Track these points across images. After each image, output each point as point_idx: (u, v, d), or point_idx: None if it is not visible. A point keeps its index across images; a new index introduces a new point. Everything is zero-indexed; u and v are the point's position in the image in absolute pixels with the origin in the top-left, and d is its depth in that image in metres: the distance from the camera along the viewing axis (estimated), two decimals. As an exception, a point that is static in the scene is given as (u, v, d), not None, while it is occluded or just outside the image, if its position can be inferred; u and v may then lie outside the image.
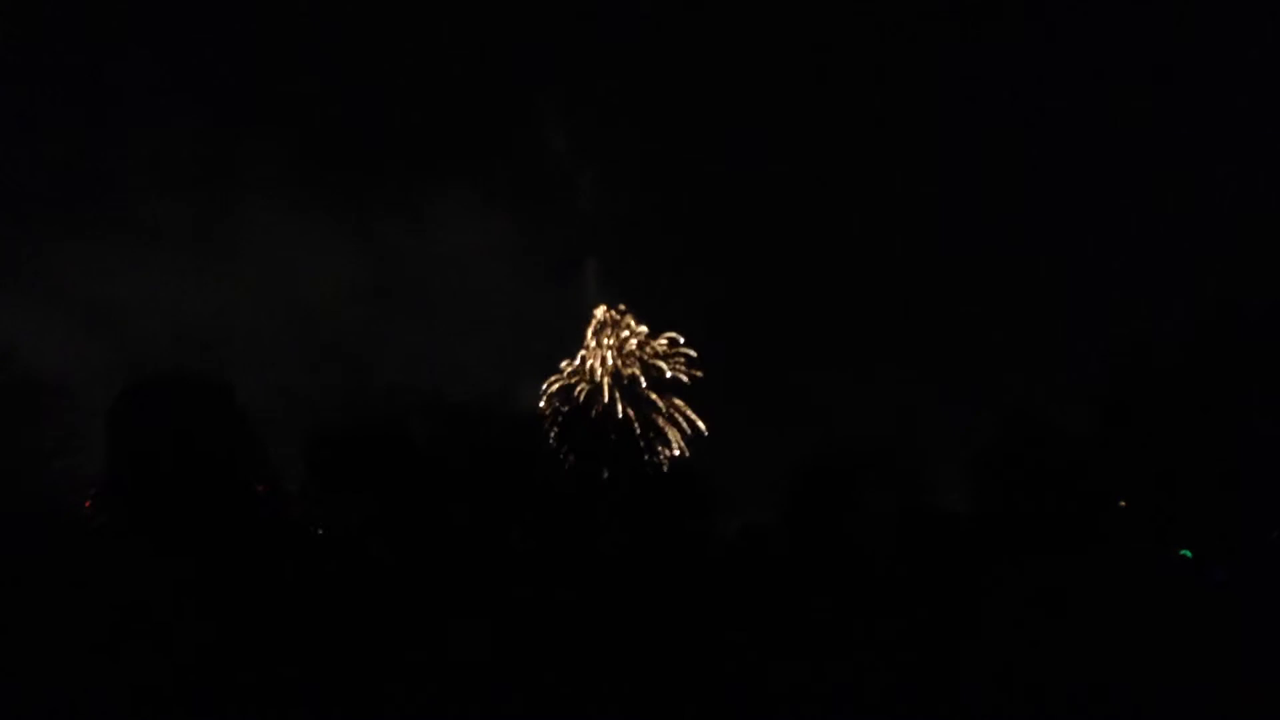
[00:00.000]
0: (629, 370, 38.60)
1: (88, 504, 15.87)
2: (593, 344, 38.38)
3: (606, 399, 36.79)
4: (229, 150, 31.51)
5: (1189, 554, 15.05)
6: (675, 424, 36.61)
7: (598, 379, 37.82)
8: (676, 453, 34.95)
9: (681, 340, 37.58)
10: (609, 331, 38.50)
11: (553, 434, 19.25)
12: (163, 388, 15.55)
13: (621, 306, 38.24)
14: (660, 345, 37.76)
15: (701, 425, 36.36)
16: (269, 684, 9.50)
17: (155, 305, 29.31)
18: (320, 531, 14.50)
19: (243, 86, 31.34)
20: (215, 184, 31.90)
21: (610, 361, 38.15)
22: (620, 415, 34.05)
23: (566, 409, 26.47)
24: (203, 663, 9.74)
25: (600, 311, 38.27)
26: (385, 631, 10.85)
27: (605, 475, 18.20)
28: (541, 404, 34.38)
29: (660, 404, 37.19)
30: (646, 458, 21.46)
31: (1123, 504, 15.01)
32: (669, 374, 37.38)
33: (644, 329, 38.03)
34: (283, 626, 10.73)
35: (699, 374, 37.00)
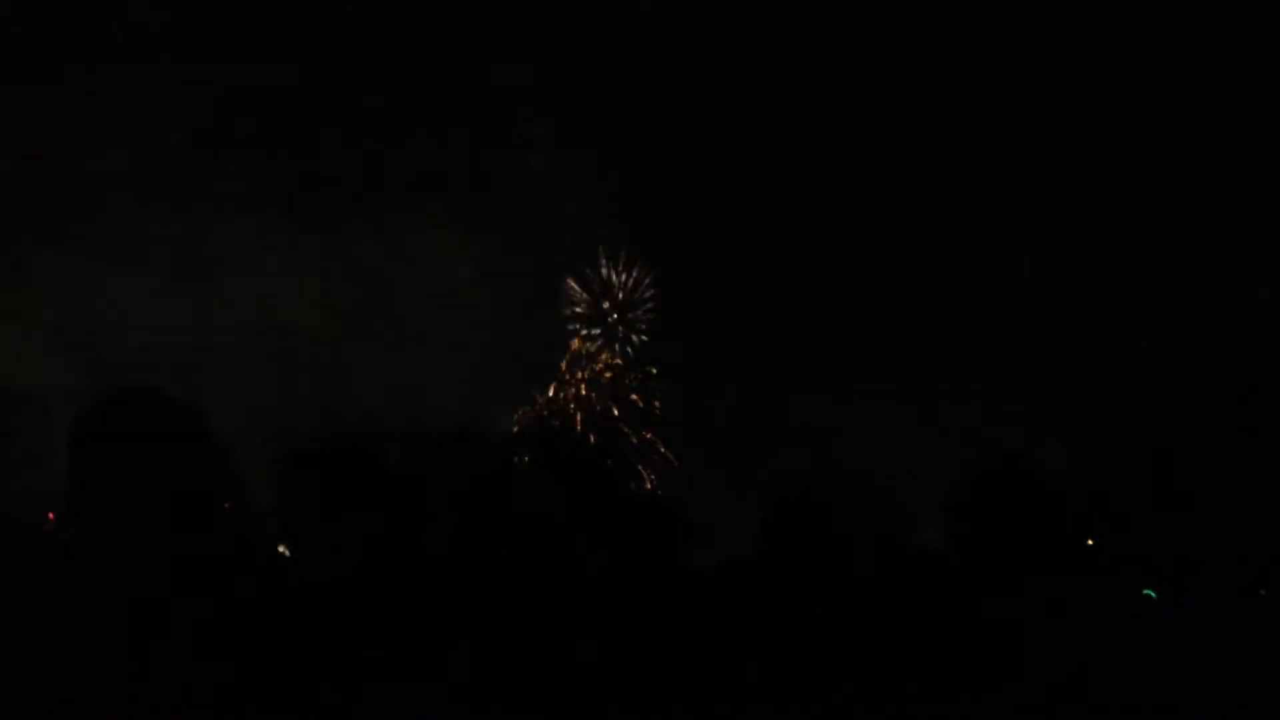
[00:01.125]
0: (602, 404, 38.60)
1: (50, 517, 15.60)
2: (567, 376, 38.41)
3: (579, 431, 36.72)
4: (207, 169, 31.47)
5: (1153, 594, 15.17)
6: (648, 458, 36.58)
7: (571, 411, 37.77)
8: (649, 486, 34.90)
9: (655, 372, 37.69)
10: (584, 363, 38.56)
11: (526, 461, 19.16)
12: (128, 404, 15.40)
13: (597, 333, 38.35)
14: (635, 378, 37.82)
15: (673, 459, 36.38)
16: (230, 702, 9.34)
17: (129, 322, 29.10)
18: (287, 552, 14.31)
19: (221, 105, 31.36)
20: (192, 202, 31.78)
21: (584, 394, 38.16)
22: (593, 447, 33.88)
23: (541, 439, 26.41)
24: (163, 680, 9.57)
25: (575, 343, 38.37)
26: (352, 653, 10.71)
27: (580, 505, 18.09)
28: (515, 430, 34.30)
29: (633, 438, 37.17)
30: (619, 490, 21.39)
31: (1090, 542, 15.13)
32: (642, 406, 37.40)
33: (619, 361, 38.11)
34: (244, 645, 10.57)
35: (672, 409, 37.08)
